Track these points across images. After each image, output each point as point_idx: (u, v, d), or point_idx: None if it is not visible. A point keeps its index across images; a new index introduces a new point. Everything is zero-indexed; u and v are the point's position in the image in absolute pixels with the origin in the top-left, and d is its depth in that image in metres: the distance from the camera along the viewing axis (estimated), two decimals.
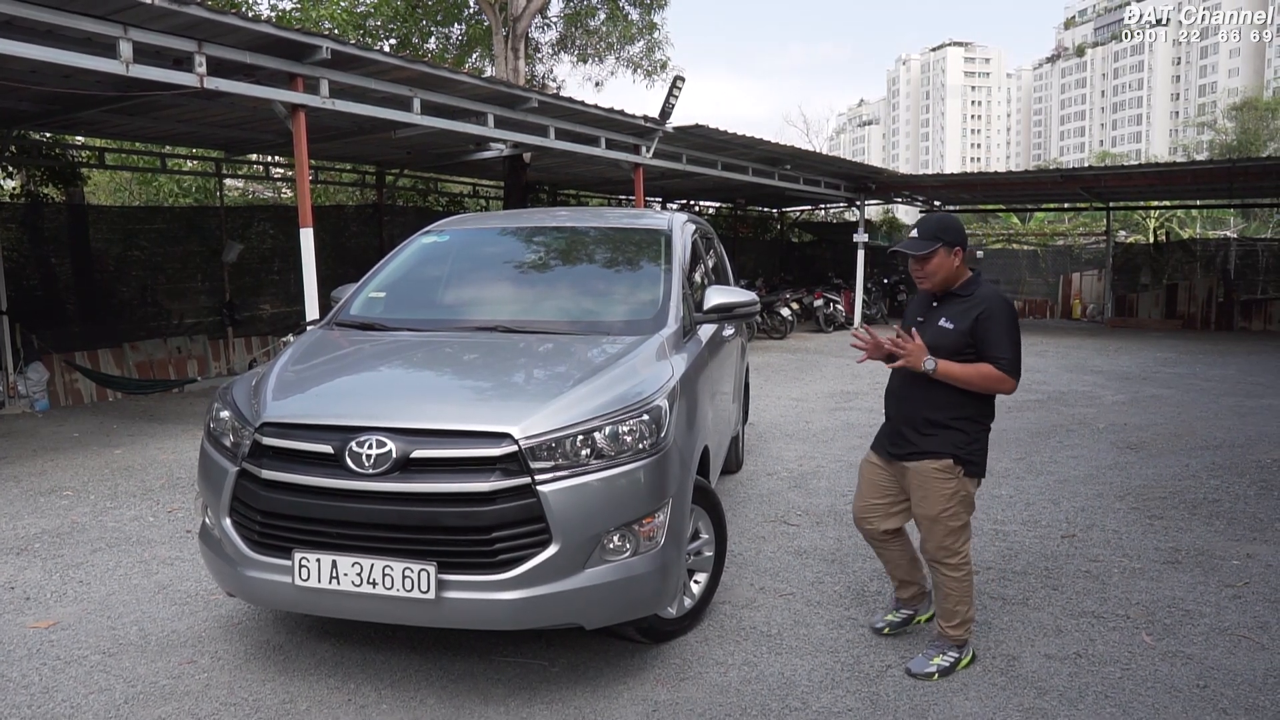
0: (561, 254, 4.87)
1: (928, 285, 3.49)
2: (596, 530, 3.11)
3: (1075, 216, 33.00)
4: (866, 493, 3.74)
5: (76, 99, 8.61)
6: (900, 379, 3.56)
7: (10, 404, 10.01)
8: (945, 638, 3.58)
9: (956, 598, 3.52)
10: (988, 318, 3.35)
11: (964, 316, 3.40)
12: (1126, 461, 7.07)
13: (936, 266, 3.42)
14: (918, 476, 3.49)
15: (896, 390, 3.59)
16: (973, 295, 3.44)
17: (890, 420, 3.63)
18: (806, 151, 16.39)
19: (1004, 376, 3.33)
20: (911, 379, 3.47)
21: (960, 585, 3.51)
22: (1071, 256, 23.54)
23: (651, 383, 3.45)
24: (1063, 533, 5.30)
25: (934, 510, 3.46)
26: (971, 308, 3.40)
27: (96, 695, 3.42)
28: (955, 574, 3.50)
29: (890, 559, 3.83)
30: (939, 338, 3.42)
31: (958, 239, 3.43)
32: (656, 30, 19.67)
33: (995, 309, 3.37)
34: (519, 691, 3.41)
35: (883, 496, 3.70)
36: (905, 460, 3.53)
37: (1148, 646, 3.78)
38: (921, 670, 3.50)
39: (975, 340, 3.37)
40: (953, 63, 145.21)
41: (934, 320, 3.48)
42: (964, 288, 3.47)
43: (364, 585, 3.05)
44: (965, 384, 3.36)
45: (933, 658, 3.55)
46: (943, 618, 3.57)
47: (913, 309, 3.66)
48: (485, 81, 9.36)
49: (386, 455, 3.05)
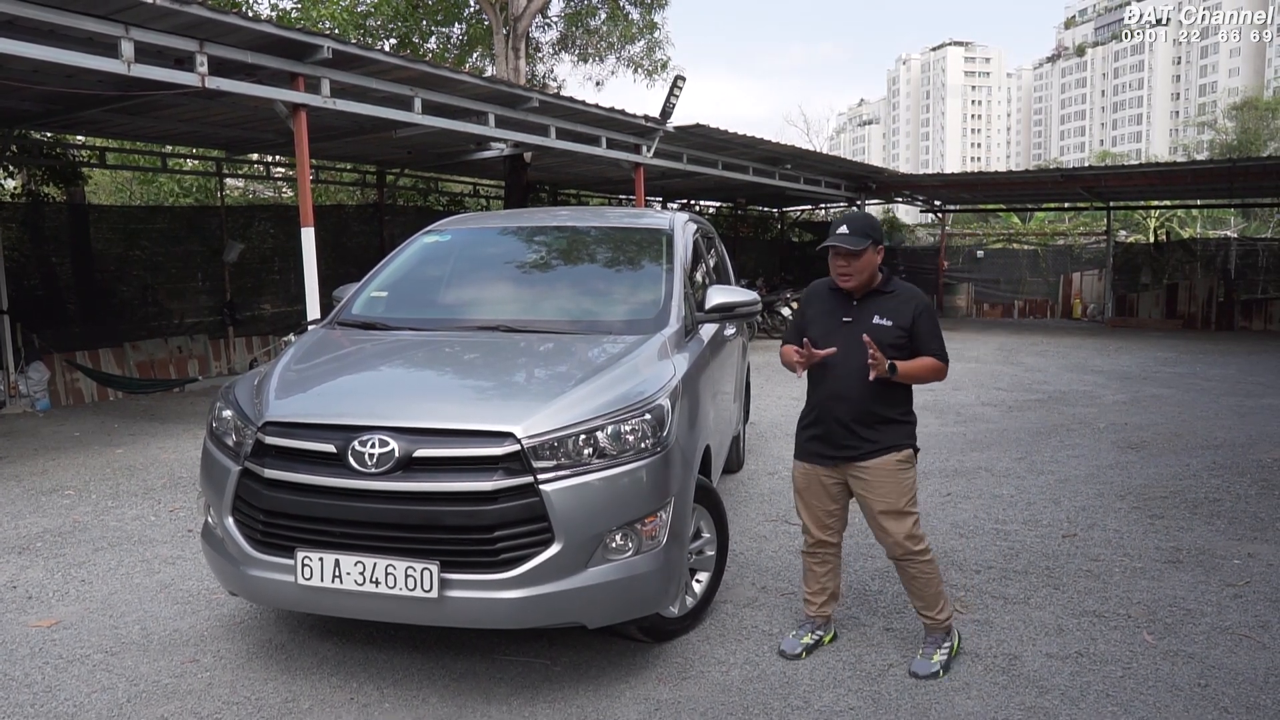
0: (563, 253, 4.88)
1: (851, 284, 3.49)
2: (599, 529, 3.12)
3: (1076, 216, 33.00)
4: (816, 504, 3.67)
5: (78, 99, 8.61)
6: (843, 381, 3.47)
7: (11, 403, 10.02)
8: (936, 629, 3.61)
9: (935, 583, 3.59)
10: (924, 314, 3.48)
11: (899, 313, 3.47)
12: (1127, 461, 7.07)
13: (865, 264, 3.46)
14: (878, 473, 3.48)
15: (842, 392, 3.48)
16: (898, 292, 3.54)
17: (834, 423, 3.52)
18: (807, 151, 16.41)
19: (944, 366, 3.50)
20: (858, 380, 3.42)
21: (933, 569, 3.59)
22: (1072, 256, 23.52)
23: (653, 382, 3.46)
24: (1064, 532, 5.31)
25: (900, 503, 3.49)
26: (904, 304, 3.49)
27: (99, 694, 3.42)
28: (926, 559, 3.56)
29: (828, 568, 3.76)
30: (878, 335, 3.41)
31: (881, 238, 3.51)
32: (657, 30, 19.70)
33: (927, 305, 3.52)
34: (521, 690, 3.41)
35: (832, 502, 3.66)
36: (862, 460, 3.49)
37: (1149, 645, 3.78)
38: (927, 671, 3.50)
39: (912, 335, 3.47)
40: (953, 62, 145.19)
41: (865, 318, 3.49)
42: (886, 284, 3.56)
43: (366, 584, 3.05)
44: (918, 379, 3.48)
45: (932, 655, 3.55)
46: (928, 608, 3.60)
47: (826, 309, 3.58)
48: (486, 81, 9.37)
49: (389, 454, 3.06)
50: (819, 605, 3.79)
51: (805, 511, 3.73)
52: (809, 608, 3.82)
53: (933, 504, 5.90)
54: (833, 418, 3.52)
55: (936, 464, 7.00)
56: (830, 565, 3.77)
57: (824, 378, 3.54)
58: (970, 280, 23.69)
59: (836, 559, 3.79)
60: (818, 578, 3.79)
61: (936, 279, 23.42)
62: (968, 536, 5.23)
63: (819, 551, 3.75)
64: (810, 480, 3.66)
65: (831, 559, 3.77)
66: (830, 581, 3.79)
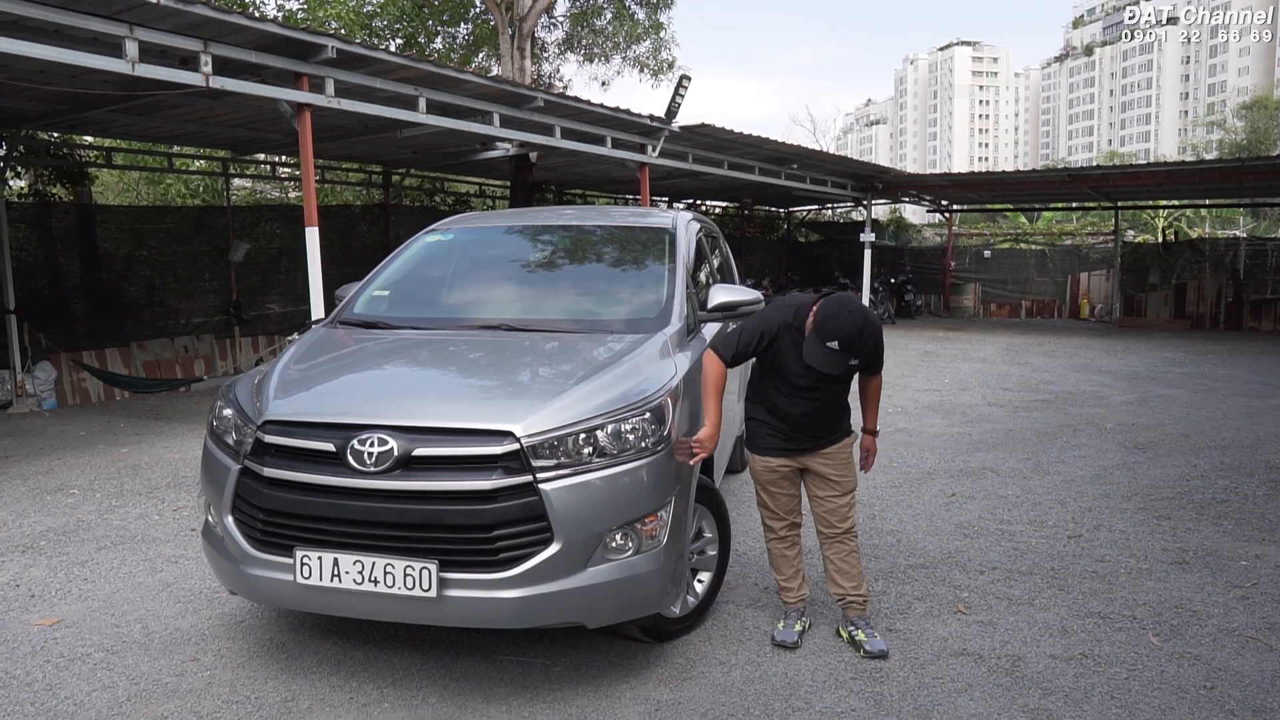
0: (565, 252, 4.86)
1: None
2: (598, 529, 3.10)
3: (1083, 216, 32.85)
4: (783, 493, 3.84)
5: (84, 99, 8.62)
6: (808, 408, 3.67)
7: (18, 403, 10.05)
8: (865, 604, 3.81)
9: (859, 561, 3.83)
10: (879, 342, 3.60)
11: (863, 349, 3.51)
12: (1134, 462, 7.03)
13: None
14: (837, 456, 3.75)
15: (808, 413, 3.69)
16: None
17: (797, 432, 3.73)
18: (813, 151, 16.36)
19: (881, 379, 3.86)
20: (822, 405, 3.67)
21: (857, 546, 3.85)
22: (1079, 256, 23.39)
23: (654, 381, 3.44)
24: (1069, 533, 5.27)
25: (853, 482, 3.79)
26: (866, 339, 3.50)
27: (99, 693, 3.42)
28: (855, 540, 3.82)
29: (797, 551, 3.93)
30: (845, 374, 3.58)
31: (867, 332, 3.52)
32: (663, 30, 19.66)
33: (878, 330, 3.58)
34: (521, 690, 3.40)
35: (797, 490, 3.88)
36: (825, 448, 3.74)
37: (1154, 647, 3.75)
38: (884, 648, 3.67)
39: (869, 362, 3.63)
40: (960, 62, 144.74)
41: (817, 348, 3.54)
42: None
43: (365, 583, 3.04)
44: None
45: (876, 632, 3.77)
46: (857, 586, 3.79)
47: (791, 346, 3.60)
48: (491, 81, 9.35)
49: (388, 453, 3.04)
50: (797, 589, 3.92)
51: (773, 502, 3.87)
52: (787, 595, 3.93)
53: (937, 504, 5.87)
54: (803, 427, 3.73)
55: (942, 464, 6.96)
56: (792, 552, 3.93)
57: (798, 401, 3.67)
58: (977, 280, 23.60)
59: (795, 543, 3.94)
60: (790, 561, 3.92)
61: (943, 279, 23.35)
62: (972, 537, 5.20)
63: (787, 537, 3.90)
64: (770, 470, 3.81)
65: (792, 545, 3.93)
66: (800, 564, 3.96)
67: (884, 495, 6.10)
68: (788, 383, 3.65)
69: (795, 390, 3.65)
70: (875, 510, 5.75)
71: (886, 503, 5.92)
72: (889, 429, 8.29)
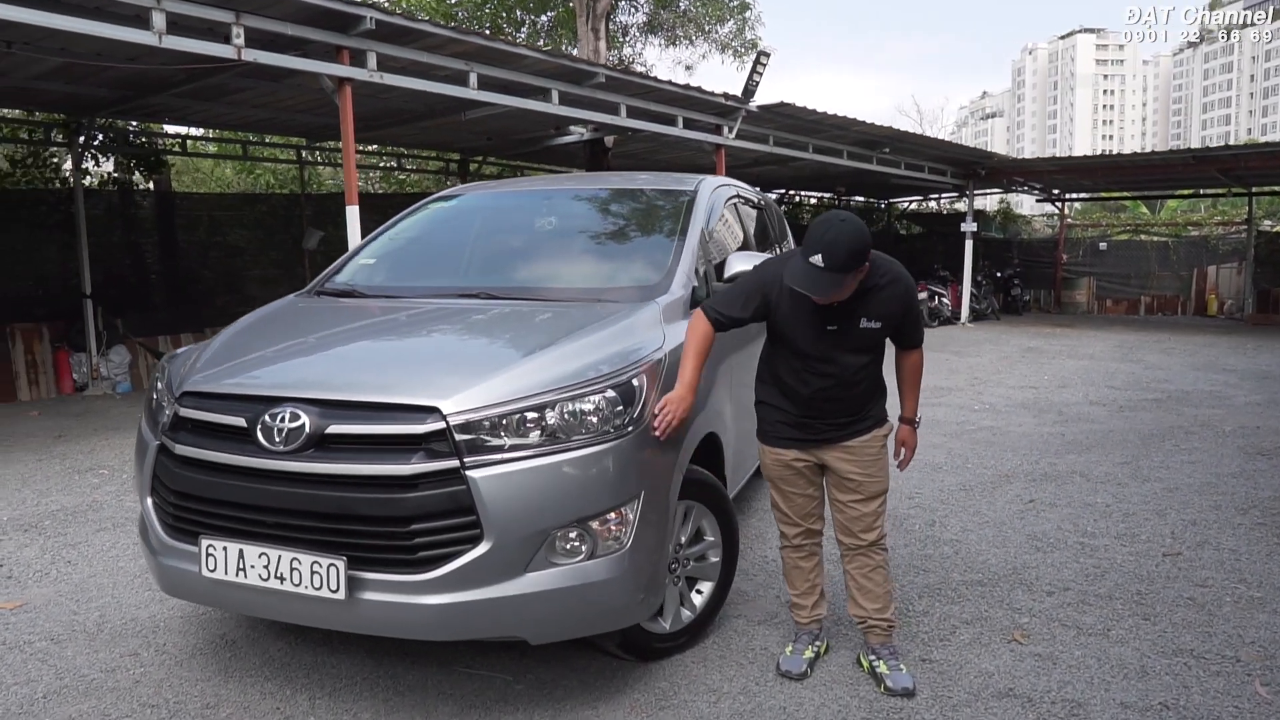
0: (574, 217, 4.35)
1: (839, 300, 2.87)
2: (542, 526, 2.59)
3: (1213, 205, 30.30)
4: (798, 493, 3.21)
5: (147, 84, 8.65)
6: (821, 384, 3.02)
7: (93, 386, 10.24)
8: (890, 629, 3.20)
9: (888, 575, 3.22)
10: (910, 304, 3.05)
11: (886, 308, 2.97)
12: (1255, 469, 6.05)
13: (848, 288, 2.84)
14: (862, 451, 3.10)
15: (823, 393, 3.04)
16: (883, 282, 2.94)
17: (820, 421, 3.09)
18: (905, 132, 15.32)
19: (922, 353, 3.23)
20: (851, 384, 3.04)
21: (885, 561, 3.21)
22: (1207, 248, 21.38)
23: (630, 354, 2.90)
24: (1165, 550, 4.46)
25: (882, 484, 3.14)
26: (890, 297, 2.96)
27: (20, 687, 3.12)
28: (883, 553, 3.20)
29: (815, 563, 3.31)
30: (861, 341, 2.99)
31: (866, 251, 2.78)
32: (749, 10, 18.91)
33: (911, 290, 3.03)
34: (469, 710, 2.93)
35: (816, 490, 3.24)
36: (848, 439, 3.09)
37: (1262, 700, 2.99)
38: (910, 685, 3.05)
39: (897, 328, 3.06)
40: (1083, 51, 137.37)
41: (852, 323, 2.94)
42: (870, 276, 2.90)
43: (271, 580, 2.61)
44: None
45: (902, 664, 3.14)
46: (883, 609, 3.17)
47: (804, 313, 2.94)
48: (548, 55, 8.94)
49: (300, 430, 2.60)
50: (810, 607, 3.29)
51: (785, 503, 3.24)
52: (799, 613, 3.31)
53: (1011, 511, 5.12)
54: (827, 413, 3.08)
55: (1024, 466, 6.16)
56: (810, 562, 3.29)
57: (809, 377, 3.02)
58: (1091, 274, 21.94)
59: (814, 553, 3.31)
60: (805, 575, 3.28)
61: (1054, 273, 21.82)
62: (1046, 551, 4.45)
63: (803, 545, 3.27)
64: (783, 465, 3.19)
65: (810, 555, 3.30)
66: (819, 579, 3.31)
67: (951, 499, 5.37)
68: (797, 353, 3.02)
69: (805, 362, 3.00)
70: (936, 516, 5.04)
71: (951, 508, 5.20)
72: (971, 427, 7.48)
